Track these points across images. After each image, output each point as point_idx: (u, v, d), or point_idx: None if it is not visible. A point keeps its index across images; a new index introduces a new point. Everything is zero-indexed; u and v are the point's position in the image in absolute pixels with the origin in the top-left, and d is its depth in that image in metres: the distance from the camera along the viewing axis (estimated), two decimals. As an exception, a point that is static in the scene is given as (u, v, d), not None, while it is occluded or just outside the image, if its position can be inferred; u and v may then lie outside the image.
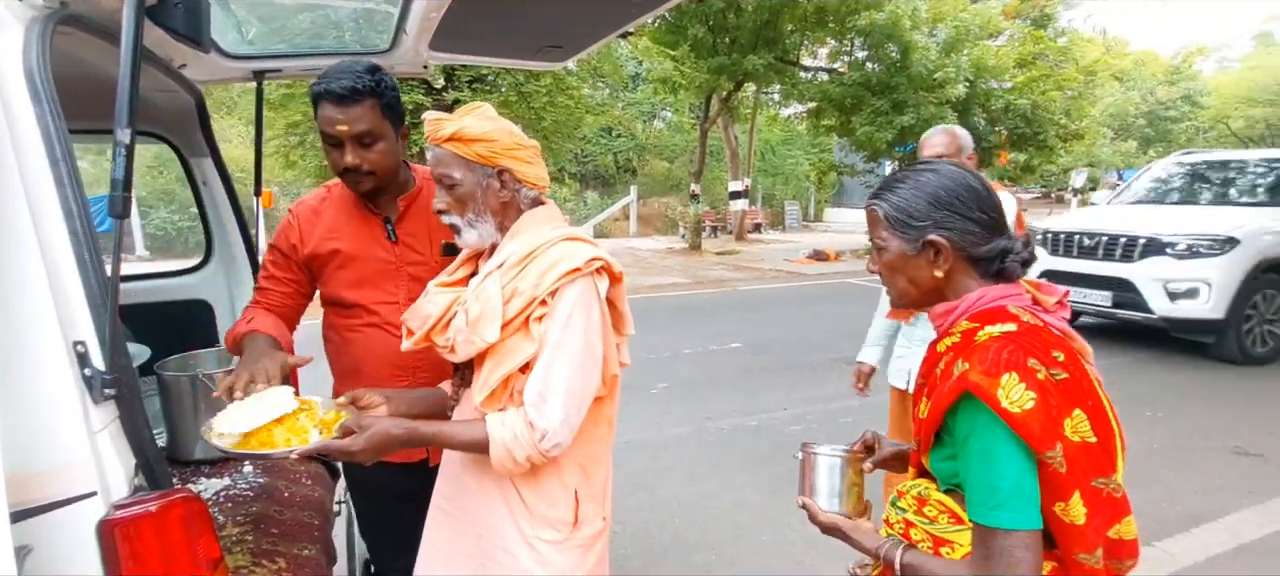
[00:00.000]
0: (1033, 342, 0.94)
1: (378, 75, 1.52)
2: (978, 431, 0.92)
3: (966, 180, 1.01)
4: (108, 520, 0.86)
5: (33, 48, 0.97)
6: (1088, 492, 0.92)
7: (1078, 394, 0.94)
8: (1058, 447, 0.90)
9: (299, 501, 1.70)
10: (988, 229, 1.00)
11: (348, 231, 1.65)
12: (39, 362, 0.85)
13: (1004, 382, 0.89)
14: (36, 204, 0.91)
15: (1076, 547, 0.94)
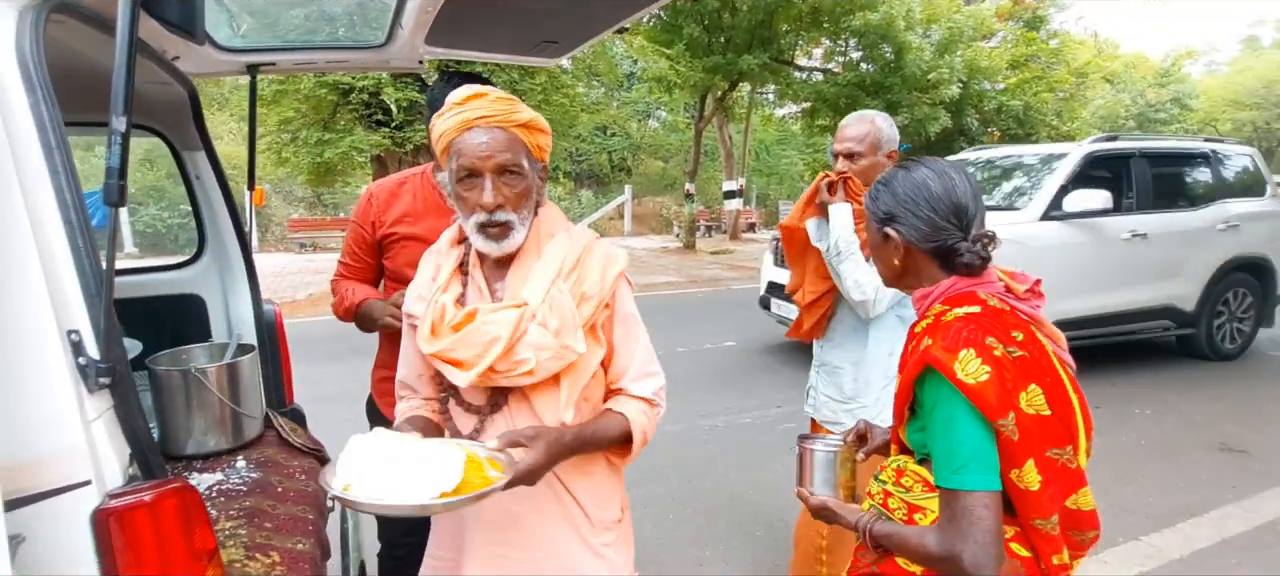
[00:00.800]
0: (993, 323, 1.03)
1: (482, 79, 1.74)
2: (941, 402, 1.01)
3: (924, 179, 1.12)
4: (102, 509, 0.86)
5: (26, 35, 0.97)
6: (1042, 461, 1.01)
7: (1034, 371, 1.03)
8: (1011, 417, 0.98)
9: (293, 496, 1.69)
10: (933, 227, 1.10)
11: (422, 216, 1.82)
12: (33, 351, 0.85)
13: (961, 357, 0.99)
14: (31, 192, 0.90)
15: (1033, 513, 1.02)
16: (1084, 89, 17.20)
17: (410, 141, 9.43)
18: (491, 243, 1.18)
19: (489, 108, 1.15)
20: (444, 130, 1.17)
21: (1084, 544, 1.11)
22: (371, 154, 9.77)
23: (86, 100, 1.50)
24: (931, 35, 13.02)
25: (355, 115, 9.69)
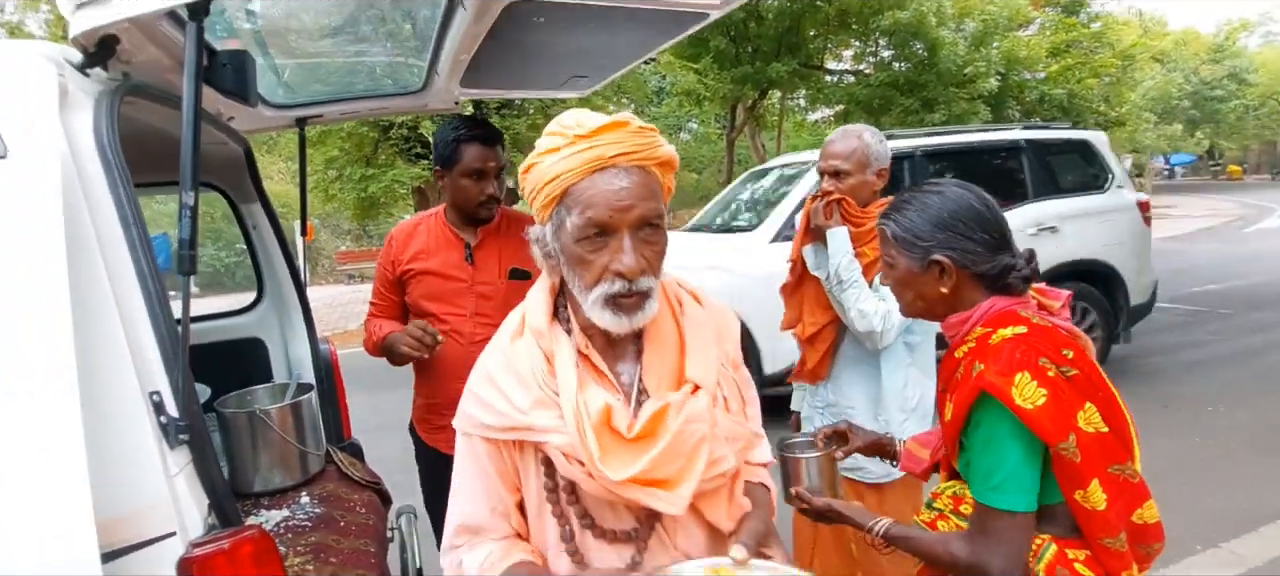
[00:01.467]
0: (1043, 342, 1.01)
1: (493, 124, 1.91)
2: (986, 421, 1.00)
3: (969, 201, 1.08)
4: (186, 558, 0.92)
5: (103, 121, 1.05)
6: (1105, 479, 0.99)
7: (1088, 388, 1.01)
8: (1071, 438, 0.97)
9: (355, 530, 1.76)
10: (989, 248, 1.07)
11: (435, 252, 1.95)
12: (121, 412, 0.92)
13: (1017, 381, 0.96)
14: (112, 265, 0.98)
15: (1101, 532, 1.00)
16: (1131, 71, 16.52)
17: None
18: (623, 317, 0.87)
19: (630, 142, 0.85)
20: (562, 172, 0.85)
21: (1151, 556, 1.09)
22: (413, 186, 10.09)
23: (150, 163, 1.61)
24: (965, 29, 12.74)
25: (396, 150, 10.02)
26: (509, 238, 1.96)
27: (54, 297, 0.83)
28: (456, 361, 1.85)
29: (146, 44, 1.25)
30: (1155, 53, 22.52)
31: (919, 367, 1.90)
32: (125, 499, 0.91)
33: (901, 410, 1.87)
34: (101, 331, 0.93)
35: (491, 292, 1.92)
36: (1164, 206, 23.70)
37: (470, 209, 1.91)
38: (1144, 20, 26.61)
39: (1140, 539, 1.05)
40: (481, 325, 1.90)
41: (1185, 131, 27.50)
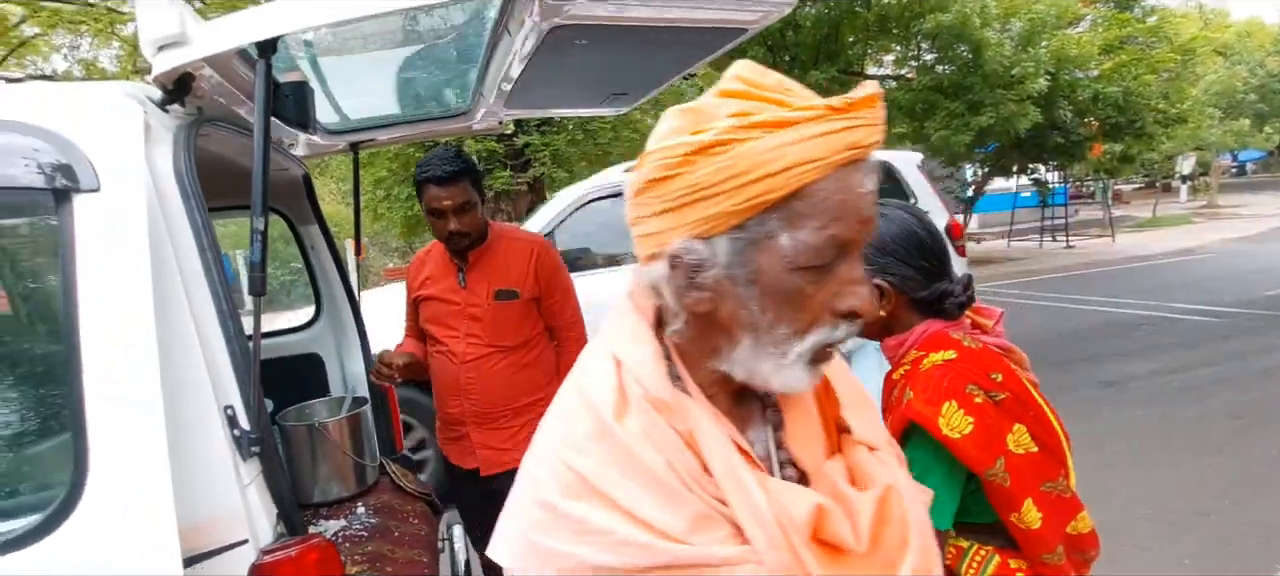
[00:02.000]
0: (972, 367, 1.02)
1: (464, 158, 1.94)
2: (913, 447, 0.99)
3: (912, 227, 1.09)
4: (258, 564, 0.98)
5: (181, 153, 1.13)
6: (1038, 497, 1.01)
7: (1017, 409, 1.02)
8: (999, 463, 0.98)
9: (409, 539, 1.81)
10: (927, 275, 1.08)
11: (439, 277, 2.09)
12: (199, 425, 0.99)
13: (944, 410, 0.97)
14: (190, 287, 1.05)
15: (1038, 549, 1.02)
16: (1192, 66, 15.78)
17: (491, 189, 9.91)
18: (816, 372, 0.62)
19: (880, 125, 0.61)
20: (801, 162, 0.55)
21: (1088, 563, 1.12)
22: (457, 203, 10.34)
23: (217, 189, 1.71)
24: (1011, 29, 12.39)
25: (440, 169, 10.30)
26: (495, 258, 2.06)
27: (141, 318, 0.90)
28: (452, 380, 2.08)
29: (218, 81, 1.34)
30: (1218, 46, 21.46)
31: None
32: (203, 507, 0.97)
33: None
34: (181, 349, 0.99)
35: (480, 314, 2.03)
36: (1234, 206, 22.48)
37: (443, 243, 2.03)
38: (1204, 13, 25.40)
39: (1077, 548, 1.08)
40: (473, 345, 2.05)
41: (1253, 126, 26.07)
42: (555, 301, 2.15)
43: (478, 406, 2.07)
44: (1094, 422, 4.49)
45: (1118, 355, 6.08)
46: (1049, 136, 12.96)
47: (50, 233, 0.93)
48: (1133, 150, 14.55)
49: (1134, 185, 29.42)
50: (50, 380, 0.99)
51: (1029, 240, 17.41)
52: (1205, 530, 3.03)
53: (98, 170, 0.93)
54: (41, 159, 0.91)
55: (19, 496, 0.97)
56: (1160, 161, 23.02)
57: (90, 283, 0.90)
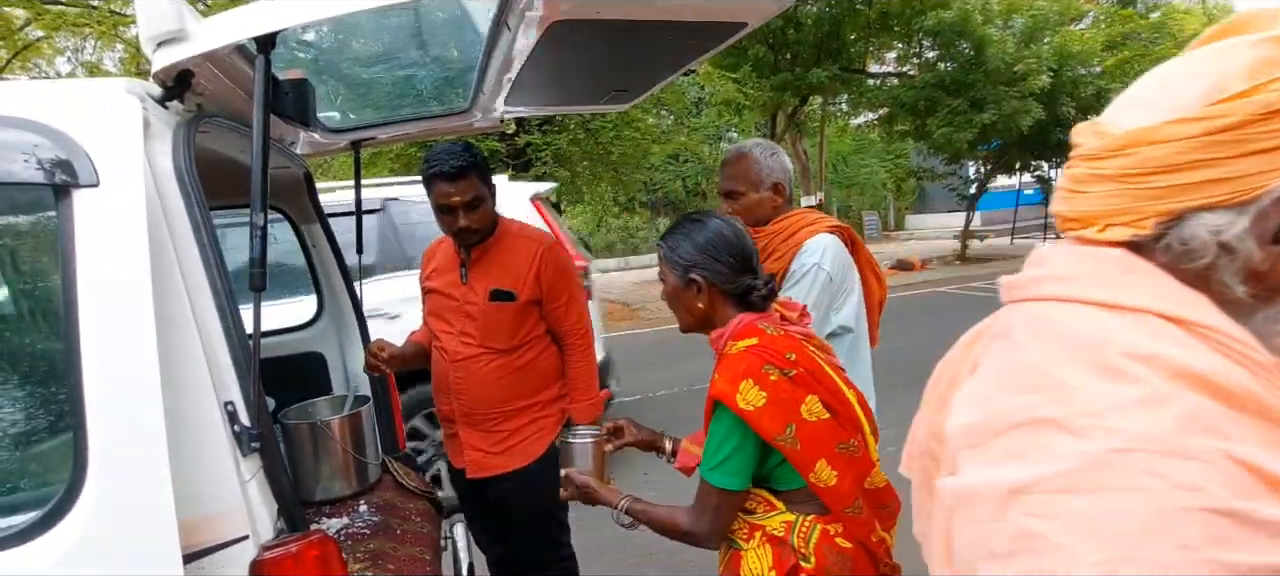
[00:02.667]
0: (770, 350, 1.18)
1: (473, 152, 1.88)
2: (718, 420, 1.19)
3: (721, 230, 1.28)
4: (259, 560, 0.97)
5: (181, 150, 1.13)
6: (832, 457, 1.19)
7: (811, 382, 1.19)
8: (789, 430, 1.15)
9: (411, 538, 1.81)
10: (734, 271, 1.26)
11: (444, 271, 2.08)
12: (199, 421, 0.98)
13: (742, 387, 1.15)
14: (189, 283, 1.05)
15: (839, 503, 1.20)
16: (1196, 61, 15.69)
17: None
18: None
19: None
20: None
21: (891, 514, 1.29)
22: (459, 203, 10.36)
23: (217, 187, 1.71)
24: (1013, 25, 12.36)
25: (442, 169, 10.32)
26: (498, 257, 2.01)
27: (140, 313, 0.90)
28: (443, 377, 2.08)
29: (218, 77, 1.34)
30: (1222, 41, 21.29)
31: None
32: (203, 503, 0.97)
33: None
34: (181, 344, 0.99)
35: (475, 313, 1.99)
36: (1237, 202, 22.33)
37: (451, 238, 2.02)
38: (1207, 8, 25.30)
39: (877, 501, 1.26)
40: (466, 343, 2.01)
41: (1258, 122, 25.95)
42: (558, 306, 2.06)
43: (465, 406, 2.05)
44: (1098, 419, 4.47)
45: (1122, 352, 6.05)
46: (1052, 133, 12.92)
47: (49, 228, 0.93)
48: (1136, 146, 14.47)
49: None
50: (49, 375, 0.99)
51: (1032, 237, 17.37)
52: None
53: (97, 166, 0.93)
54: (41, 154, 0.91)
55: (17, 492, 0.97)
56: (1164, 158, 22.86)
57: (89, 278, 0.90)
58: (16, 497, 0.95)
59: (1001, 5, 12.32)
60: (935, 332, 8.59)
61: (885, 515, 1.27)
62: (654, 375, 6.52)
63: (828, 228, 1.74)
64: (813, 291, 1.66)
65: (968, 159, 14.67)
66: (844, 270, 1.72)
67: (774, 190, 1.80)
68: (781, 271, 1.71)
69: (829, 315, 1.72)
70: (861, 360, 1.83)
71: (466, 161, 1.88)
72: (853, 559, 1.20)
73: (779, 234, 1.75)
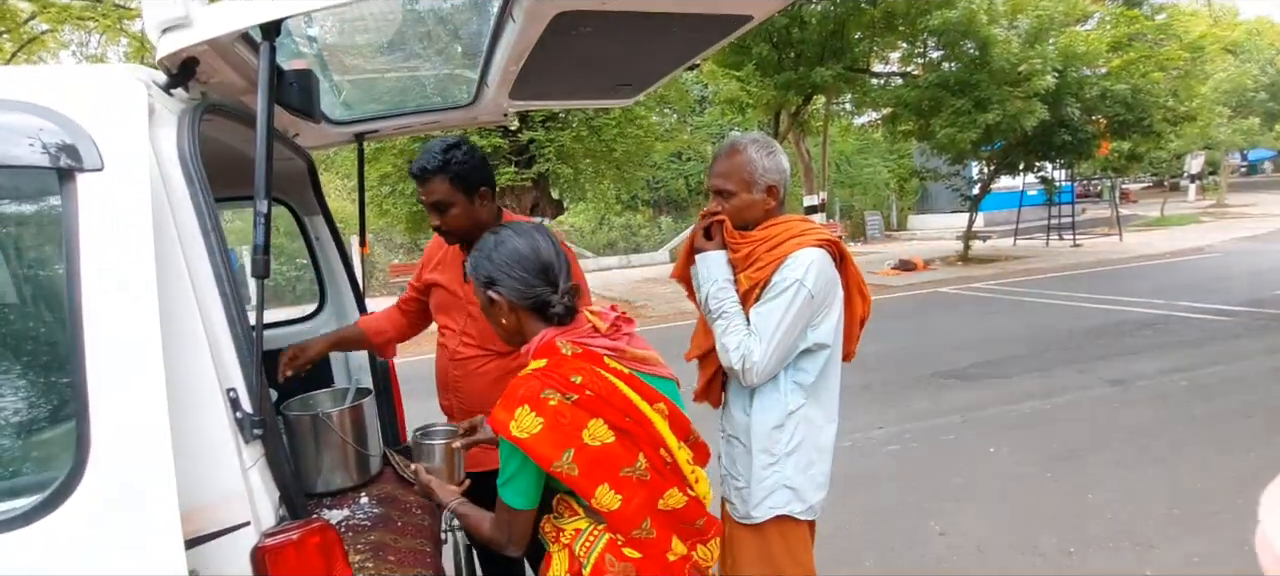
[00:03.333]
0: (553, 374, 1.18)
1: (449, 154, 1.82)
2: (501, 443, 1.21)
3: (515, 244, 1.28)
4: (260, 547, 0.97)
5: (185, 136, 1.13)
6: (615, 482, 1.19)
7: (597, 405, 1.18)
8: (566, 457, 1.15)
9: (412, 530, 1.81)
10: (526, 284, 1.26)
11: (448, 266, 2.06)
12: (201, 408, 0.98)
13: (517, 415, 1.15)
14: (193, 270, 1.05)
15: (622, 527, 1.21)
16: (1201, 64, 15.64)
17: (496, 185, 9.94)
18: None
19: None
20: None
21: (700, 531, 1.30)
22: (461, 199, 10.37)
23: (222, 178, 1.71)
24: (1018, 26, 12.32)
25: (445, 165, 10.32)
26: None
27: (144, 298, 0.89)
28: (444, 373, 2.06)
29: (222, 66, 1.34)
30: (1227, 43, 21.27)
31: (816, 407, 1.72)
32: (205, 489, 0.97)
33: (767, 453, 1.69)
34: (184, 330, 0.99)
35: (477, 313, 1.92)
36: (1243, 205, 22.31)
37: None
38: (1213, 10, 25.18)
39: (679, 520, 1.26)
40: (466, 344, 2.00)
41: (1263, 125, 25.86)
42: None
43: (463, 403, 2.04)
44: (1103, 421, 4.46)
45: (1126, 353, 6.04)
46: (1056, 134, 12.88)
47: (53, 212, 0.93)
48: (1141, 148, 14.46)
49: (1142, 184, 29.25)
50: (52, 359, 0.99)
51: (1035, 239, 17.32)
52: (1217, 530, 3.01)
53: (102, 150, 0.92)
54: (46, 138, 0.91)
55: (19, 476, 0.97)
56: (1168, 160, 22.89)
57: (93, 262, 0.90)
58: (19, 481, 0.95)
59: (1007, 5, 12.28)
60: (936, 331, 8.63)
61: (690, 532, 1.27)
62: (655, 372, 6.51)
63: (816, 241, 1.65)
64: (792, 309, 1.60)
65: (971, 159, 14.62)
66: (827, 287, 1.65)
67: (768, 193, 1.71)
68: (763, 282, 1.64)
69: (805, 332, 1.66)
70: (831, 376, 1.77)
71: (433, 164, 1.83)
72: (636, 569, 1.22)
73: (764, 243, 1.67)
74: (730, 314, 1.67)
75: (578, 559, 1.23)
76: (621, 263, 19.81)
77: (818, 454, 1.75)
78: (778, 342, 1.61)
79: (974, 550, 2.99)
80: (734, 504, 1.81)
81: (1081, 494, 3.45)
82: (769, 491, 1.73)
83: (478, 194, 1.90)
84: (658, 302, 12.02)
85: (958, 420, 4.65)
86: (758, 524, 1.77)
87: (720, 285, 1.70)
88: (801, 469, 1.73)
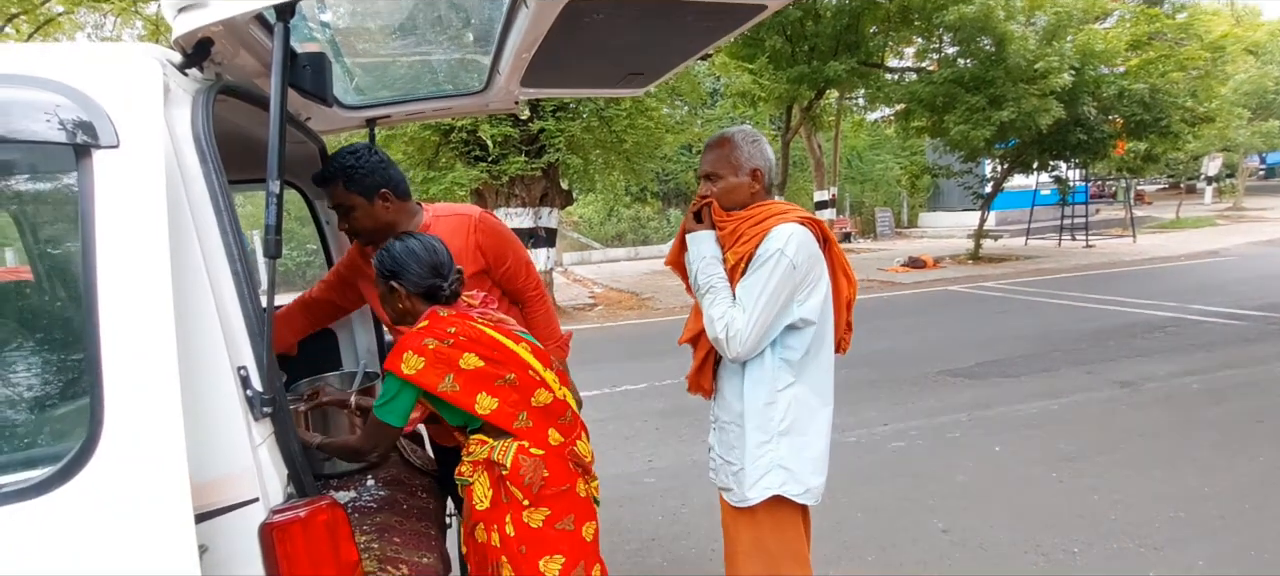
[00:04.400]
0: (433, 328, 1.52)
1: (345, 159, 1.87)
2: (388, 378, 1.51)
3: (413, 247, 1.62)
4: (268, 523, 0.98)
5: (199, 116, 1.14)
6: (491, 389, 1.53)
7: (468, 344, 1.53)
8: (448, 380, 1.48)
9: (417, 513, 1.83)
10: (421, 277, 1.61)
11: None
12: (212, 385, 0.99)
13: (405, 357, 1.48)
14: (206, 249, 1.06)
15: (505, 420, 1.54)
16: (1222, 64, 15.39)
17: (505, 174, 9.92)
18: None
19: None
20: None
21: (569, 425, 1.65)
22: (471, 188, 10.39)
23: (235, 162, 1.72)
24: (1036, 22, 12.17)
25: (455, 153, 10.33)
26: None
27: (157, 275, 0.90)
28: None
29: (237, 47, 1.34)
30: (1249, 44, 20.93)
31: (807, 386, 1.76)
32: (215, 465, 0.98)
33: (761, 431, 1.74)
34: (196, 308, 1.00)
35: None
36: (1260, 209, 22.01)
37: None
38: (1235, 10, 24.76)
39: (550, 414, 1.60)
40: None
41: (1283, 128, 25.50)
42: (507, 268, 2.09)
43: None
44: (1111, 422, 4.43)
45: (1137, 355, 5.99)
46: (1071, 133, 12.73)
47: (69, 188, 0.94)
48: (1157, 149, 14.27)
49: (1157, 186, 28.92)
50: (67, 333, 1.00)
51: (1047, 238, 17.17)
52: (1224, 534, 2.99)
53: (117, 127, 0.93)
54: (63, 114, 0.92)
55: (34, 448, 0.98)
56: (1185, 162, 22.58)
57: (108, 238, 0.91)
58: (34, 452, 0.97)
59: (1025, 1, 12.12)
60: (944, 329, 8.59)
61: (564, 426, 1.62)
62: (659, 364, 6.53)
63: (798, 218, 1.72)
64: (773, 278, 1.64)
65: (984, 157, 14.49)
66: (810, 261, 1.69)
67: (753, 176, 1.79)
68: (747, 255, 1.70)
69: (791, 305, 1.69)
70: (823, 354, 1.79)
71: (329, 172, 1.87)
72: (544, 462, 1.56)
73: (749, 220, 1.75)
74: (717, 288, 1.74)
75: (496, 464, 1.54)
76: (629, 254, 19.81)
77: (813, 436, 1.77)
78: (761, 311, 1.65)
79: (977, 548, 2.98)
80: (731, 488, 1.83)
81: (1087, 494, 3.43)
82: (764, 470, 1.75)
83: (378, 196, 1.90)
84: (665, 295, 12.03)
85: (964, 418, 4.63)
86: (752, 507, 1.79)
87: (707, 261, 1.77)
88: (796, 450, 1.76)
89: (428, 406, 1.64)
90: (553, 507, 1.57)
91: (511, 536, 1.55)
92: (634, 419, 4.98)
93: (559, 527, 1.58)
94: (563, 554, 1.57)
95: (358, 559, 1.11)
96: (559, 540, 1.57)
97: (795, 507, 1.81)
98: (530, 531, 1.55)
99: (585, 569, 1.62)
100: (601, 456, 4.63)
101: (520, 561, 1.55)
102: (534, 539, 1.55)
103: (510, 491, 1.54)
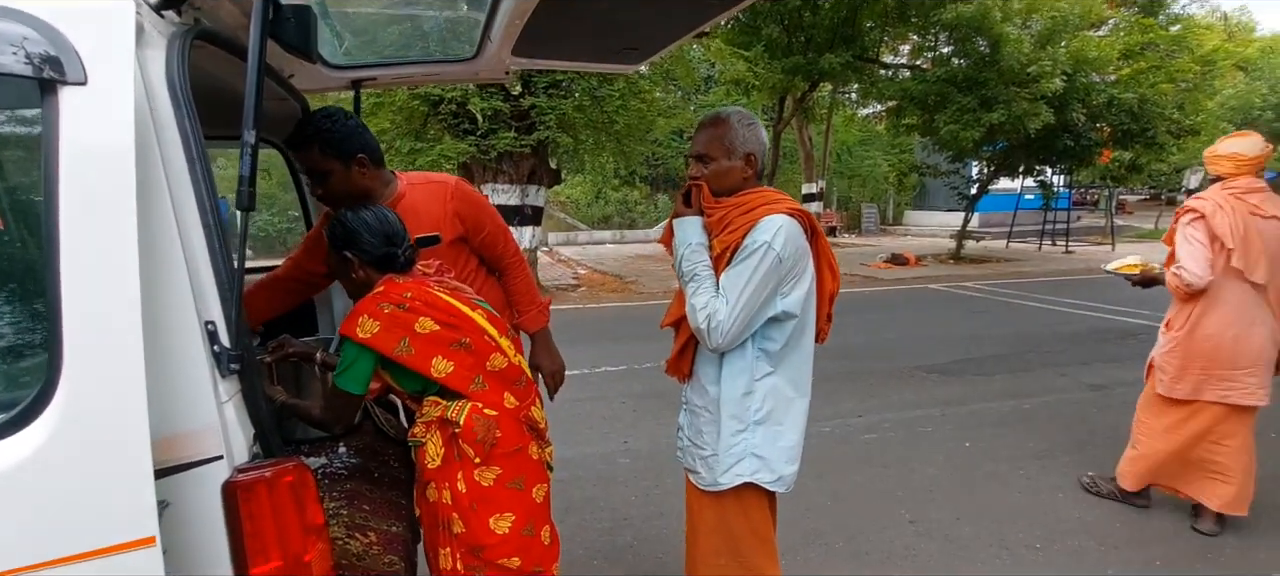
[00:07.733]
0: (389, 293, 1.53)
1: (321, 121, 1.81)
2: (345, 346, 1.52)
3: (366, 219, 1.62)
4: (231, 481, 0.96)
5: (174, 59, 1.09)
6: (447, 353, 1.53)
7: (423, 309, 1.52)
8: (402, 343, 1.48)
9: (388, 481, 1.81)
10: (373, 248, 1.61)
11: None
12: (178, 339, 0.97)
13: (360, 321, 1.49)
14: (176, 198, 1.02)
15: (461, 384, 1.54)
16: (1211, 78, 15.58)
17: (494, 149, 9.80)
18: None
19: None
20: None
21: (522, 390, 1.65)
22: (459, 161, 10.26)
23: (218, 116, 1.68)
24: (1031, 26, 12.21)
25: (444, 125, 10.17)
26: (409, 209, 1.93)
27: (122, 219, 0.87)
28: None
29: (216, -8, 1.30)
30: (1239, 60, 21.20)
31: (785, 377, 1.75)
32: (178, 419, 0.95)
33: (737, 419, 1.73)
34: (163, 257, 0.97)
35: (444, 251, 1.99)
36: (1235, 224, 22.37)
37: None
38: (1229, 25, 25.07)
39: (505, 378, 1.61)
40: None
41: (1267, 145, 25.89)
42: (486, 235, 2.08)
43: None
44: (1079, 424, 4.52)
45: (1108, 360, 6.10)
46: (1059, 138, 12.85)
47: (32, 123, 0.90)
48: (1142, 159, 14.44)
49: (1139, 196, 29.32)
50: (26, 274, 0.97)
51: (1028, 242, 17.39)
52: (1181, 538, 3.06)
53: (86, 63, 0.89)
54: (28, 47, 0.88)
55: (-10, 392, 0.95)
56: (1168, 174, 22.90)
57: (71, 178, 0.87)
58: (-13, 397, 0.94)
59: (1022, 4, 12.15)
60: (922, 326, 8.66)
61: (519, 392, 1.64)
62: (640, 347, 6.53)
63: (787, 209, 1.68)
64: (759, 271, 1.61)
65: (971, 158, 14.59)
66: (796, 254, 1.66)
67: (746, 161, 1.75)
68: (734, 245, 1.66)
69: (774, 298, 1.67)
70: (803, 346, 1.77)
71: (306, 134, 1.80)
72: (497, 422, 1.56)
73: (737, 208, 1.71)
74: (701, 276, 1.70)
75: (450, 422, 1.54)
76: (615, 238, 19.74)
77: (788, 426, 1.77)
78: (744, 303, 1.62)
79: (942, 539, 3.03)
80: (699, 473, 1.83)
81: (1052, 492, 3.50)
82: (737, 458, 1.74)
83: (355, 161, 1.85)
84: (649, 279, 12.03)
85: (937, 413, 4.69)
86: (719, 492, 1.79)
87: (693, 248, 1.73)
88: (771, 439, 1.75)
89: (385, 378, 1.62)
90: (504, 467, 1.58)
91: (463, 492, 1.56)
92: (612, 400, 4.99)
93: (510, 487, 1.59)
94: (513, 512, 1.58)
95: (324, 522, 1.09)
96: (510, 499, 1.59)
97: (764, 492, 1.81)
98: (481, 489, 1.56)
99: (535, 528, 1.63)
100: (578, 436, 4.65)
101: (470, 517, 1.56)
102: (484, 496, 1.56)
103: (462, 449, 1.54)
